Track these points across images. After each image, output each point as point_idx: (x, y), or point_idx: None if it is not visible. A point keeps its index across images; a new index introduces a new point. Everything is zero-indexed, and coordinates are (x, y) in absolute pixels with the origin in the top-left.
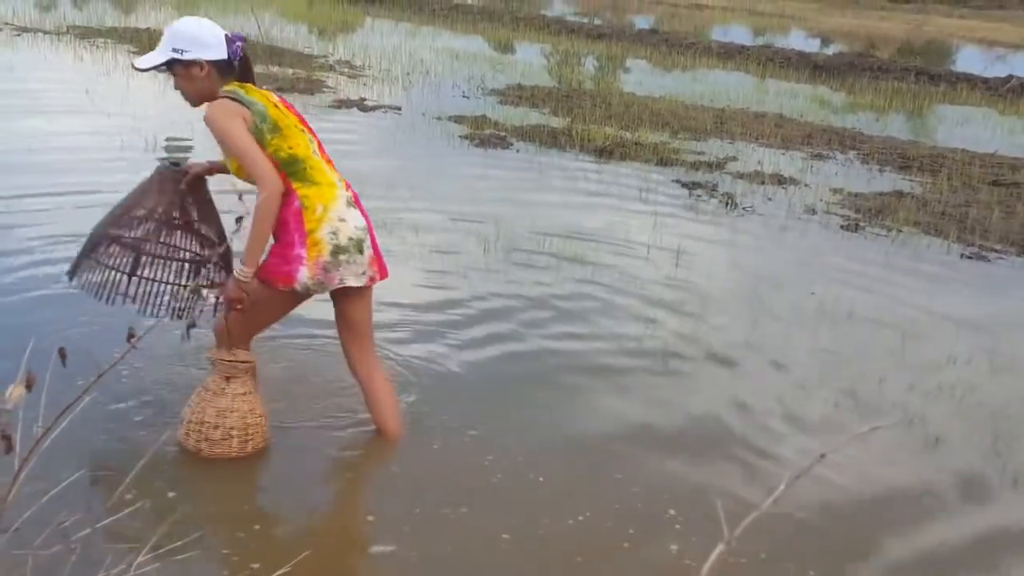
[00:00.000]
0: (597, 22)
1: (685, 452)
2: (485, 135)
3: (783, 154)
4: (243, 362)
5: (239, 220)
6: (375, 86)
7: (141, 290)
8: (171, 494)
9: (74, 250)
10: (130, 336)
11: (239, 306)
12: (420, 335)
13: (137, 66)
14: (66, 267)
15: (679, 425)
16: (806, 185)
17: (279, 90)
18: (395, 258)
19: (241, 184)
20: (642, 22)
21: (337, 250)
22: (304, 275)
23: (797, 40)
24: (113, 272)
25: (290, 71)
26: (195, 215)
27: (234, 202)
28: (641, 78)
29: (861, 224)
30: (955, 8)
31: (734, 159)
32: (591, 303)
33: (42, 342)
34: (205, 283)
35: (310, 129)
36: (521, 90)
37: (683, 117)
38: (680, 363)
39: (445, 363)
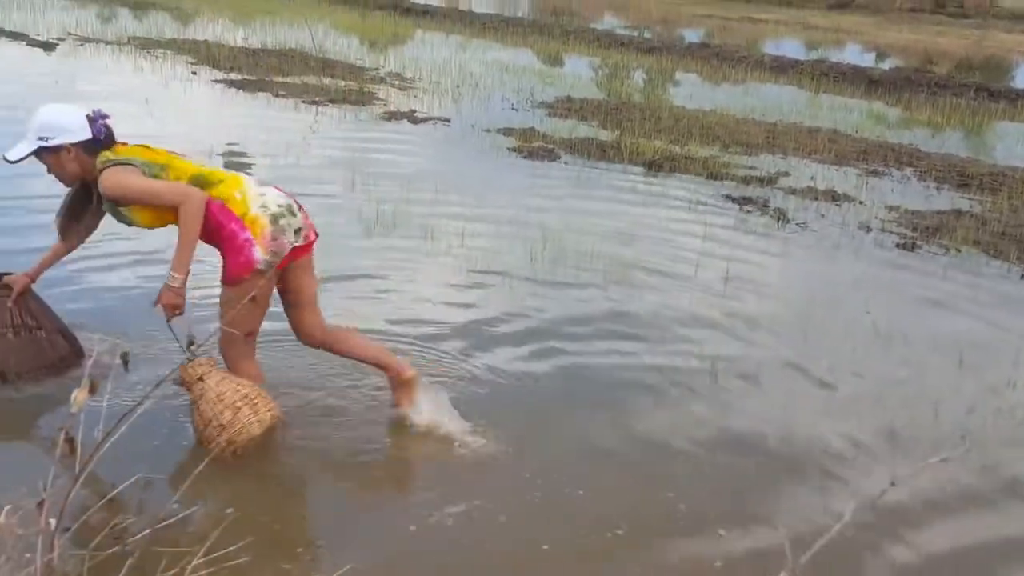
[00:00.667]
0: (647, 35)
1: (734, 473)
2: (533, 147)
3: (837, 170)
4: (196, 358)
5: (298, 232)
6: (425, 98)
7: None
8: (225, 499)
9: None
10: (190, 344)
11: (177, 312)
12: (460, 345)
13: (8, 158)
14: (125, 275)
15: (729, 445)
16: (861, 202)
17: (331, 101)
18: (441, 266)
19: None
20: (692, 35)
21: (274, 218)
22: (259, 253)
23: (852, 54)
24: None
25: (342, 83)
26: (32, 323)
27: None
28: (691, 91)
29: (918, 243)
30: (1016, 23)
31: (786, 174)
32: (636, 318)
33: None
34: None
35: (180, 155)
36: (570, 103)
37: (734, 131)
38: (728, 382)
39: (486, 374)
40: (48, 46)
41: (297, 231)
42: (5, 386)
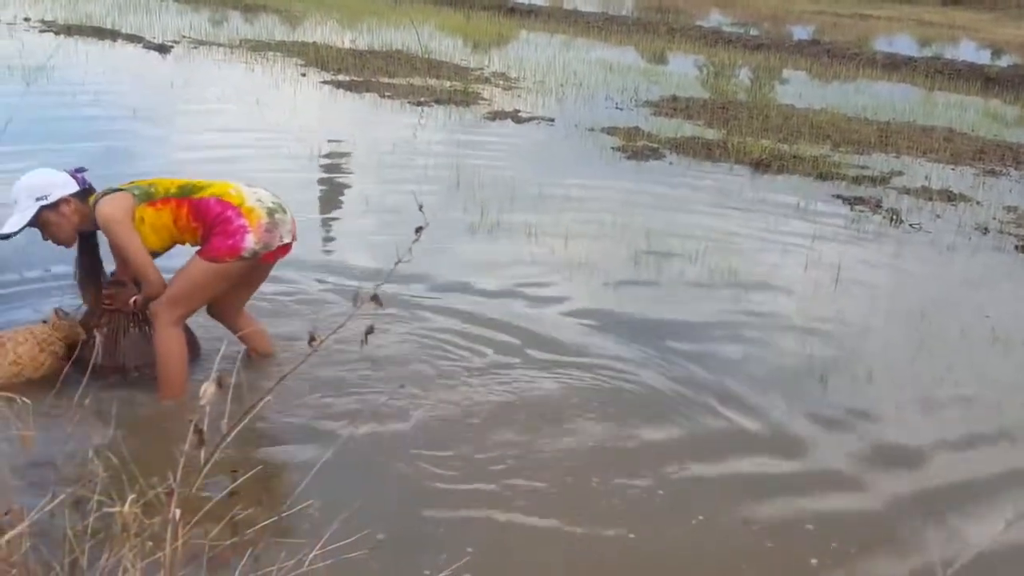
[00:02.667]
0: (755, 32)
1: (846, 477)
2: (638, 147)
3: (953, 169)
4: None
5: (419, 230)
6: (529, 98)
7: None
8: (343, 493)
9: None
10: (311, 340)
11: (109, 303)
12: (563, 349)
13: (3, 232)
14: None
15: (841, 449)
16: (978, 202)
17: (436, 102)
18: (546, 267)
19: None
20: (802, 32)
21: (271, 211)
22: (250, 240)
23: (968, 51)
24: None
25: (447, 83)
26: None
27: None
28: (800, 90)
29: None
30: None
31: (899, 174)
32: (744, 322)
33: (233, 344)
34: None
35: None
36: (675, 102)
37: (844, 130)
38: (838, 386)
39: (588, 378)
40: (163, 49)
41: (289, 230)
42: (130, 379)
